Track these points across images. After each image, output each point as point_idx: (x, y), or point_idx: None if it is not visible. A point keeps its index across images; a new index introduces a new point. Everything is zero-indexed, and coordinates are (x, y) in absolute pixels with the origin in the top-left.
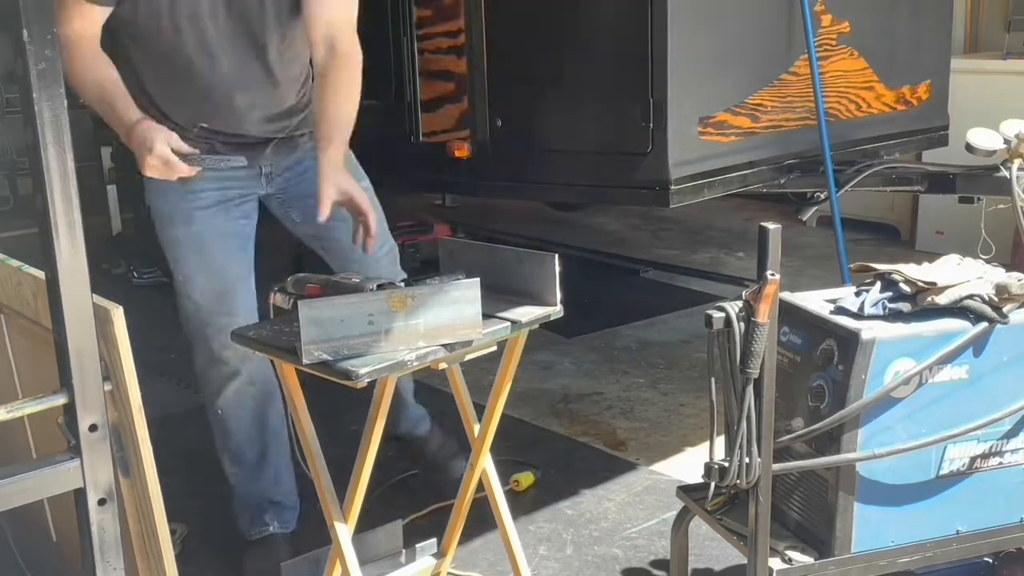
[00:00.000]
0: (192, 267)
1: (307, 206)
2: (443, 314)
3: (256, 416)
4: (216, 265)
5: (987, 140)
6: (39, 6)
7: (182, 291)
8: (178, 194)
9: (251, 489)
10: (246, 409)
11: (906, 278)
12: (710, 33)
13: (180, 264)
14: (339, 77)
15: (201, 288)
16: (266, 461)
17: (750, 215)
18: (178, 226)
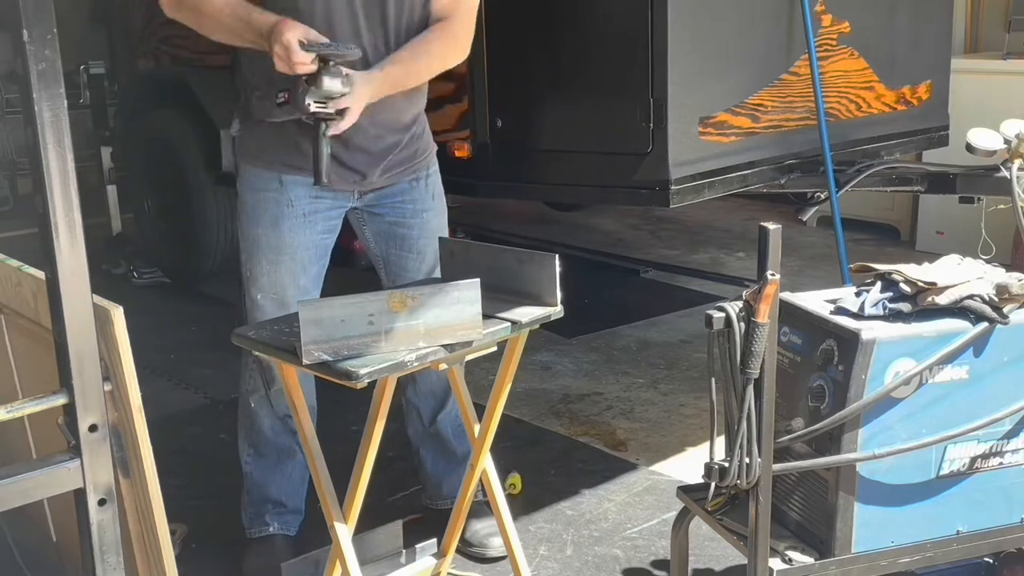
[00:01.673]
0: (262, 269)
1: (385, 231)
2: (443, 314)
3: (284, 421)
4: (286, 273)
5: (987, 140)
6: (39, 6)
7: (246, 284)
8: (272, 194)
9: (261, 486)
10: (280, 411)
11: (906, 278)
12: (710, 33)
13: (252, 261)
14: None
15: (264, 292)
16: (284, 464)
17: (750, 215)
18: (262, 225)
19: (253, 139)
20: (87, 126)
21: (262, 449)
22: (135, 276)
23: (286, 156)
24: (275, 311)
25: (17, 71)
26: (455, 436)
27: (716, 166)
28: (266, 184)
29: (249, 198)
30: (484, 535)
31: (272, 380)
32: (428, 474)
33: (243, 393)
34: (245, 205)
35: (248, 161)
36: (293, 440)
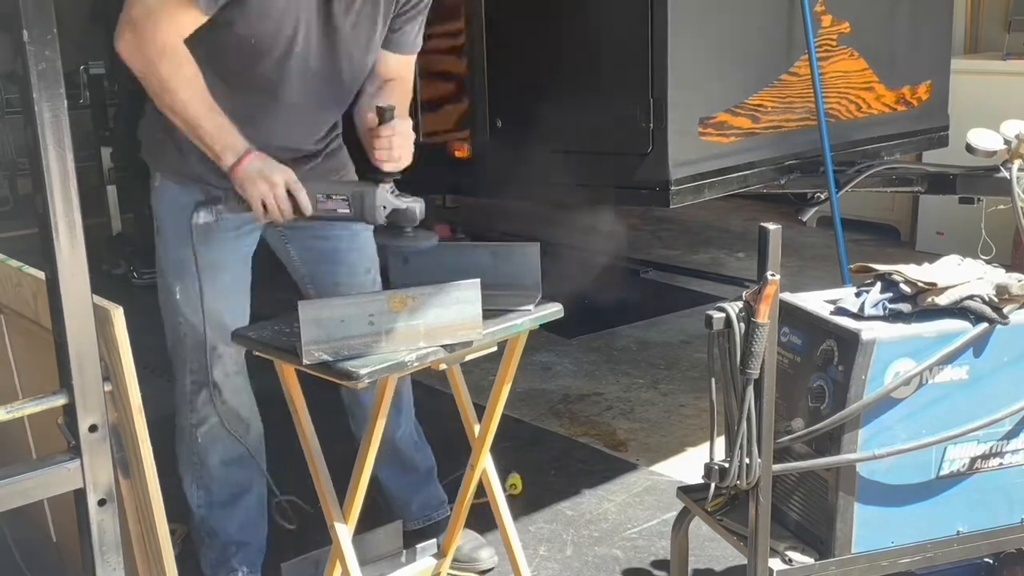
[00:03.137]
0: (199, 290)
1: (311, 245)
2: (444, 315)
3: (236, 451)
4: (227, 291)
5: (987, 141)
6: (39, 6)
7: (178, 310)
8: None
9: (221, 529)
10: (228, 441)
11: (906, 279)
12: (710, 33)
13: (183, 284)
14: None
15: (208, 312)
16: (240, 500)
17: (750, 215)
18: (191, 245)
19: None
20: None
21: (214, 489)
22: (135, 276)
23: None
24: (223, 332)
25: (17, 71)
26: (415, 451)
27: (716, 166)
28: (189, 199)
29: (170, 218)
30: (469, 550)
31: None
32: (394, 497)
33: (185, 430)
34: (165, 225)
35: (165, 175)
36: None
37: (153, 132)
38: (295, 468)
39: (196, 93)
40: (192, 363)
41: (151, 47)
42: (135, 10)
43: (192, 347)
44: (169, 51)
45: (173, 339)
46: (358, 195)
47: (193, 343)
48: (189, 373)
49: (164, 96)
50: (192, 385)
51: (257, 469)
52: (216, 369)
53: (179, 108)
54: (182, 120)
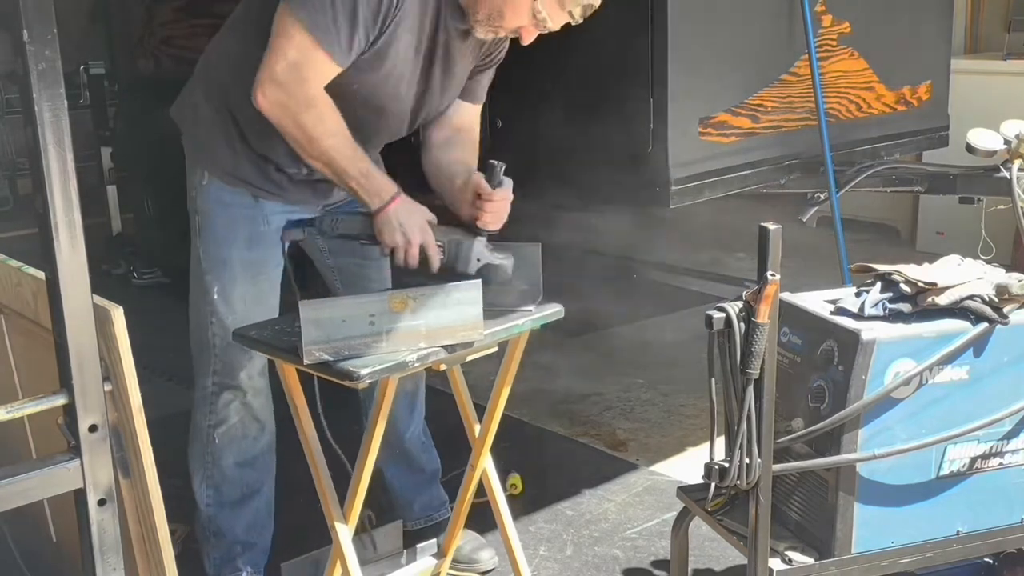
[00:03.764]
0: (237, 291)
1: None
2: (444, 315)
3: (251, 453)
4: (263, 294)
5: (987, 141)
6: (39, 6)
7: (212, 310)
8: (245, 211)
9: (229, 529)
10: (244, 443)
11: (906, 279)
12: (710, 33)
13: (223, 285)
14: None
15: (243, 315)
16: (249, 501)
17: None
18: (236, 247)
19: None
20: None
21: (225, 489)
22: (135, 276)
23: (262, 181)
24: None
25: (17, 71)
26: (422, 452)
27: (716, 166)
28: (238, 199)
29: (216, 215)
30: (470, 551)
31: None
32: (397, 496)
33: (202, 429)
34: (211, 223)
35: (214, 173)
36: (259, 473)
37: (206, 129)
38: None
39: (341, 141)
40: (217, 364)
41: (297, 103)
42: (278, 67)
43: (222, 348)
44: (314, 104)
45: (200, 338)
46: (455, 244)
47: (223, 344)
48: (212, 374)
49: (308, 147)
50: (214, 386)
51: (269, 472)
52: (244, 372)
53: (325, 157)
54: (327, 167)
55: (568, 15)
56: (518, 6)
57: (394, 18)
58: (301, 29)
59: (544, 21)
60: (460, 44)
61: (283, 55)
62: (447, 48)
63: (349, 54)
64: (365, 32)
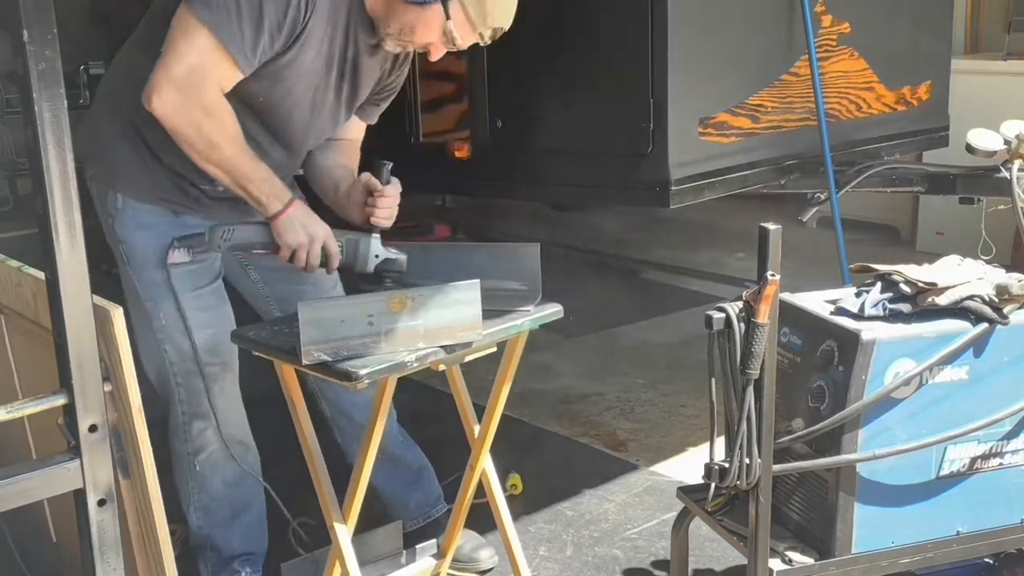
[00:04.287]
0: (185, 308)
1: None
2: (443, 315)
3: (236, 474)
4: (214, 305)
5: (987, 141)
6: (39, 6)
7: (164, 337)
8: (166, 227)
9: (223, 545)
10: (229, 466)
11: (906, 279)
12: (710, 33)
13: (167, 308)
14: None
15: (197, 329)
16: (242, 515)
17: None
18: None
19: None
20: None
21: (215, 510)
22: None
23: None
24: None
25: (17, 71)
26: (404, 451)
27: (716, 166)
28: (158, 218)
29: (138, 238)
30: (470, 550)
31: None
32: (391, 498)
33: (182, 457)
34: (137, 248)
35: (130, 195)
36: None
37: (113, 149)
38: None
39: (240, 147)
40: (182, 393)
41: (197, 108)
42: (176, 69)
43: (183, 375)
44: (216, 110)
45: (157, 371)
46: (352, 243)
47: (182, 371)
48: (179, 403)
49: (209, 152)
50: (184, 416)
51: (256, 486)
52: (210, 397)
53: (225, 164)
54: (227, 174)
55: (478, 36)
56: (430, 24)
57: (303, 28)
58: (205, 32)
59: (454, 40)
60: (368, 59)
61: (183, 57)
62: (355, 63)
63: (253, 61)
64: (270, 39)
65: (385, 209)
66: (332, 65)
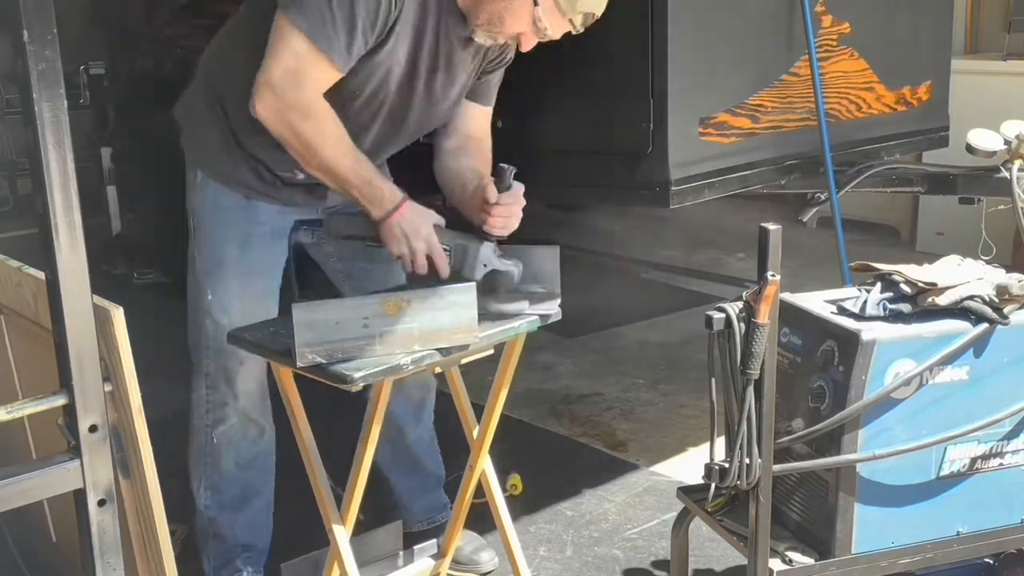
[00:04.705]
0: (232, 292)
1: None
2: (439, 318)
3: (250, 454)
4: (258, 296)
5: (987, 141)
6: (39, 6)
7: (206, 309)
8: (239, 212)
9: (228, 531)
10: (244, 444)
11: (907, 279)
12: (710, 33)
13: (216, 285)
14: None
15: (238, 318)
16: (249, 503)
17: (750, 216)
18: (229, 248)
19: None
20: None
21: (224, 490)
22: (135, 276)
23: (250, 180)
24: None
25: (17, 71)
26: (428, 458)
27: (716, 167)
28: (230, 201)
29: (210, 217)
30: (470, 552)
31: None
32: (400, 497)
33: (199, 430)
34: (205, 224)
35: (209, 174)
36: (259, 475)
37: (203, 130)
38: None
39: (342, 149)
40: (211, 366)
41: (294, 112)
42: (275, 73)
43: (215, 350)
44: (312, 112)
45: (195, 339)
46: (460, 248)
47: (216, 346)
48: (205, 376)
49: (308, 155)
50: (208, 389)
51: (268, 474)
52: (237, 376)
53: (325, 167)
54: (329, 177)
55: (569, 23)
56: (518, 13)
57: (394, 24)
58: (299, 35)
59: (544, 29)
60: (462, 52)
61: (281, 61)
62: (449, 56)
63: (349, 60)
64: (364, 38)
65: (499, 218)
66: (423, 59)
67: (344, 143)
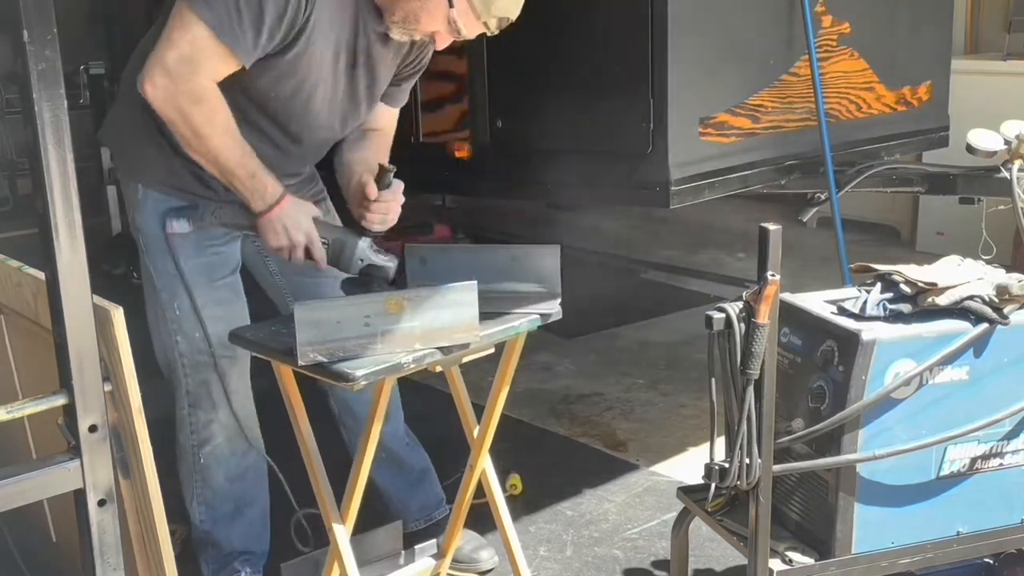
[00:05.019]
0: (200, 301)
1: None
2: (440, 317)
3: (240, 468)
4: (228, 300)
5: (987, 141)
6: (39, 6)
7: (176, 328)
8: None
9: (224, 542)
10: (233, 460)
11: (907, 279)
12: (710, 33)
13: (182, 299)
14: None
15: (209, 324)
16: (243, 512)
17: (750, 216)
18: (185, 256)
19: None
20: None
21: (217, 504)
22: (135, 276)
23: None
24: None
25: (17, 71)
26: (407, 451)
27: (716, 167)
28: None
29: (158, 227)
30: (470, 551)
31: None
32: (392, 499)
33: (187, 449)
34: (154, 238)
35: (150, 185)
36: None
37: (135, 142)
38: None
39: (229, 139)
40: (189, 384)
41: (185, 95)
42: (169, 55)
43: (191, 367)
44: (204, 98)
45: (168, 361)
46: (339, 243)
47: (191, 363)
48: (186, 395)
49: (195, 142)
50: (190, 408)
51: (261, 482)
52: (217, 389)
53: (211, 155)
54: (212, 165)
55: (483, 26)
56: (433, 12)
57: (305, 21)
58: (202, 24)
59: (459, 30)
60: (381, 48)
61: (176, 45)
62: (368, 53)
63: (252, 52)
64: (270, 33)
65: (377, 214)
66: (343, 56)
67: (232, 134)
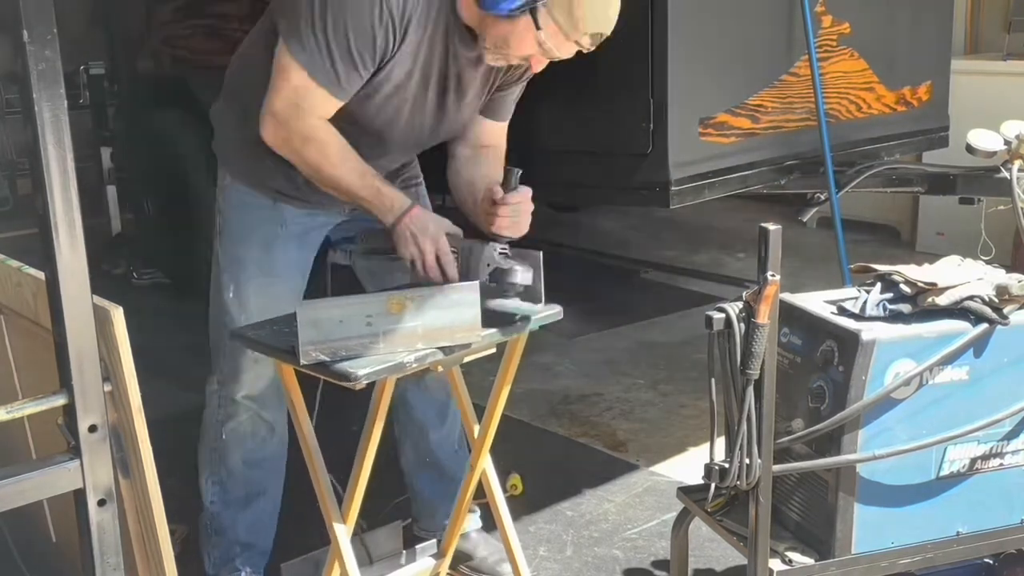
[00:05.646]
0: (251, 291)
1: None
2: (442, 316)
3: (258, 454)
4: (278, 296)
5: (987, 141)
6: (39, 6)
7: (227, 306)
8: (263, 213)
9: (230, 527)
10: (252, 443)
11: (906, 279)
12: (710, 33)
13: (238, 283)
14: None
15: (253, 315)
16: (253, 503)
17: (750, 216)
18: (252, 247)
19: (243, 158)
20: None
21: (230, 487)
22: (135, 276)
23: (280, 184)
24: None
25: (17, 71)
26: (451, 460)
27: (716, 167)
28: (256, 202)
29: (235, 216)
30: (493, 563)
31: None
32: (424, 502)
33: (211, 425)
34: (230, 223)
35: (236, 177)
36: (265, 475)
37: (231, 137)
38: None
39: (347, 167)
40: (225, 365)
41: (296, 138)
42: (277, 104)
43: (230, 348)
44: (314, 136)
45: (214, 335)
46: (466, 249)
47: (232, 344)
48: (219, 372)
49: (316, 176)
50: (220, 385)
51: (277, 475)
52: (249, 375)
53: (333, 184)
54: (336, 191)
55: (575, 44)
56: (522, 36)
57: (395, 53)
58: (298, 69)
59: (551, 51)
60: (472, 71)
61: (281, 93)
62: (459, 77)
63: (346, 92)
64: (361, 71)
65: (505, 218)
66: (431, 81)
67: (348, 161)
